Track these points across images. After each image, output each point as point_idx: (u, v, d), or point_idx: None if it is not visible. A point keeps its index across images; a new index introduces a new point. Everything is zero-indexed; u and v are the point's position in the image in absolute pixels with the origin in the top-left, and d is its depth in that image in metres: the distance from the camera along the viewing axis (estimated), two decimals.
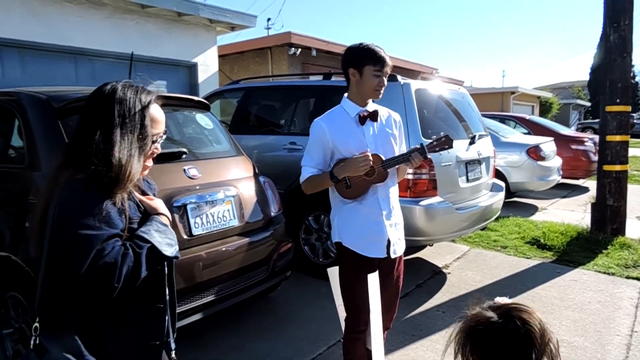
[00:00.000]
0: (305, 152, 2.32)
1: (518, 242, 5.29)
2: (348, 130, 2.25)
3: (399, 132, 2.39)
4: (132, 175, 1.26)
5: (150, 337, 1.32)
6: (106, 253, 1.15)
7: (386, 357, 2.86)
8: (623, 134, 5.29)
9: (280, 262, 3.27)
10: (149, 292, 1.30)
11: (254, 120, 5.21)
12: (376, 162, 2.19)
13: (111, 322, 1.24)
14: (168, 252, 1.28)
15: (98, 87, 1.34)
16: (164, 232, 1.30)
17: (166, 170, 2.74)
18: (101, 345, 1.22)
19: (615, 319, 3.41)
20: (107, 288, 1.16)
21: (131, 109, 1.29)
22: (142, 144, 1.31)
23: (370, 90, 2.21)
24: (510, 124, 9.63)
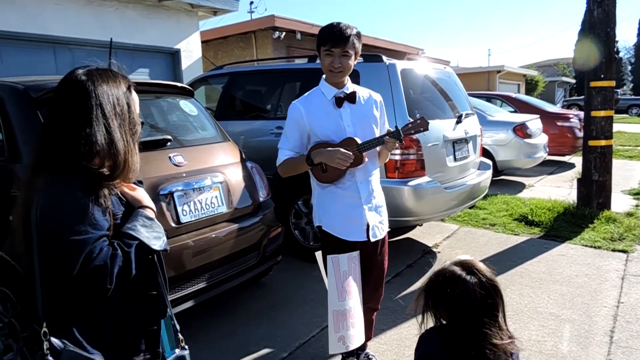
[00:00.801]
0: (283, 135, 2.31)
1: (506, 219, 5.35)
2: (325, 112, 2.23)
3: (380, 113, 2.36)
4: (134, 165, 1.24)
5: (147, 323, 1.32)
6: (95, 256, 1.13)
7: (379, 336, 2.90)
8: (607, 109, 5.33)
9: (270, 247, 3.26)
10: (141, 281, 1.29)
11: (239, 105, 5.15)
12: (351, 146, 2.18)
13: (107, 314, 1.24)
14: (157, 245, 1.26)
15: (67, 76, 1.26)
16: (151, 225, 1.28)
17: (151, 158, 2.70)
18: (100, 337, 1.22)
19: (602, 291, 3.48)
20: (99, 290, 1.15)
21: (118, 96, 1.25)
22: (133, 131, 1.28)
23: (325, 71, 2.19)
24: (497, 103, 9.67)
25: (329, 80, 2.23)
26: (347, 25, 2.13)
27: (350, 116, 2.24)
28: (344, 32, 2.10)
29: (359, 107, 2.27)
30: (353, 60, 2.18)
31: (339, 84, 2.23)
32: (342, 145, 2.17)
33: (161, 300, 1.35)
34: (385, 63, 3.93)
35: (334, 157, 2.11)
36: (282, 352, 2.77)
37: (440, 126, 4.02)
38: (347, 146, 2.16)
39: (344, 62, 2.14)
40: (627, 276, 3.73)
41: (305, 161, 2.20)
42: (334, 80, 2.21)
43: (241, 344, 2.86)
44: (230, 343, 2.88)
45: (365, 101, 2.31)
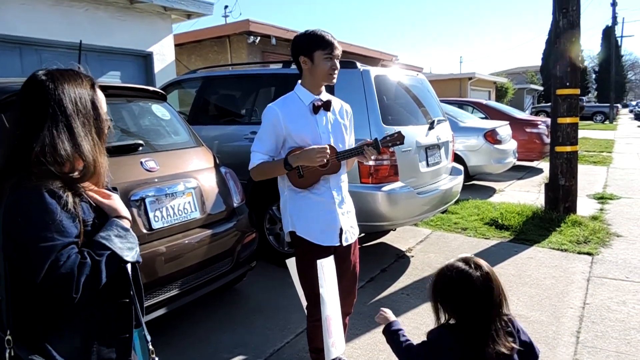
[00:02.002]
0: (257, 138, 2.29)
1: (477, 223, 5.46)
2: (302, 118, 2.24)
3: (350, 124, 2.44)
4: (103, 166, 1.22)
5: (119, 331, 1.30)
6: (61, 264, 1.10)
7: (353, 341, 2.91)
8: (573, 116, 5.51)
9: (244, 252, 3.24)
10: (113, 289, 1.27)
11: (213, 110, 5.11)
12: (331, 154, 2.20)
13: (78, 322, 1.21)
14: (129, 256, 1.24)
15: (30, 78, 1.23)
16: (125, 236, 1.25)
17: (122, 163, 2.65)
18: (70, 345, 1.19)
19: (568, 293, 3.59)
20: (65, 298, 1.12)
21: (81, 96, 1.23)
22: (100, 131, 1.26)
23: (324, 75, 2.21)
24: (468, 109, 9.88)
25: (308, 85, 2.25)
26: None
27: (325, 123, 2.27)
28: (334, 38, 2.20)
29: (332, 115, 2.32)
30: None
31: (317, 90, 2.26)
32: None
33: (134, 309, 1.33)
34: (359, 69, 3.97)
35: (314, 157, 2.12)
36: (256, 359, 2.75)
37: (413, 132, 4.08)
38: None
39: (337, 65, 2.22)
40: (592, 278, 3.86)
41: (284, 166, 2.19)
42: (332, 83, 2.25)
43: (214, 351, 2.83)
44: (203, 350, 2.84)
45: (339, 110, 2.37)
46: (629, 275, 3.90)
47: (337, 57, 2.20)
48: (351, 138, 2.45)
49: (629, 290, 3.60)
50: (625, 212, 5.97)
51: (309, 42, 2.18)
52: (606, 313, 3.24)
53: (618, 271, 3.99)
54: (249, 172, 2.35)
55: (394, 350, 1.68)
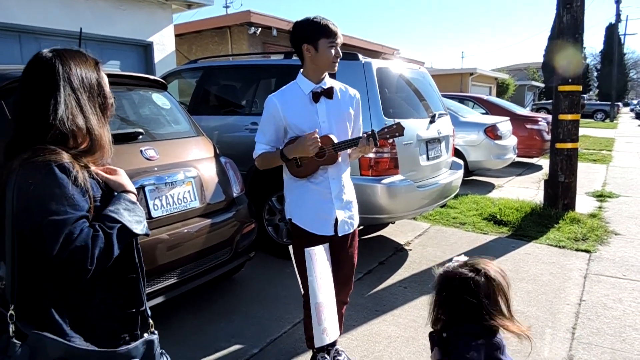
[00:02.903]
0: (259, 128, 2.32)
1: (476, 218, 5.46)
2: (301, 107, 2.24)
3: (356, 111, 2.40)
4: (108, 143, 1.25)
5: (127, 306, 1.32)
6: (75, 237, 1.12)
7: (350, 332, 2.93)
8: (574, 113, 5.50)
9: (243, 243, 3.24)
10: (121, 264, 1.29)
11: (213, 100, 5.09)
12: (327, 144, 2.20)
13: (87, 297, 1.23)
14: (138, 229, 1.26)
15: (35, 56, 1.26)
16: (133, 209, 1.28)
17: (122, 151, 2.64)
18: (80, 320, 1.21)
19: (565, 289, 3.60)
20: (80, 271, 1.13)
21: (87, 74, 1.26)
22: (104, 108, 1.29)
23: (327, 63, 2.21)
24: (469, 104, 9.86)
25: (309, 75, 2.24)
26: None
27: (326, 112, 2.26)
28: (335, 25, 2.19)
29: (335, 103, 2.29)
30: None
31: (317, 79, 2.24)
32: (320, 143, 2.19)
33: (141, 284, 1.35)
34: (361, 61, 3.95)
35: (306, 148, 2.12)
36: (253, 348, 2.76)
37: (414, 125, 4.07)
38: (323, 144, 2.19)
39: (340, 53, 2.22)
40: (589, 275, 3.87)
41: (280, 158, 2.21)
42: (334, 71, 2.24)
43: (212, 340, 2.84)
44: (200, 339, 2.85)
45: (342, 97, 2.33)
46: (626, 273, 3.91)
47: (339, 44, 2.20)
48: (358, 123, 2.42)
49: (625, 288, 3.61)
50: (624, 211, 5.98)
51: (314, 30, 2.16)
52: (602, 310, 3.26)
53: (615, 269, 4.00)
54: (252, 162, 2.37)
55: None
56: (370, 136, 2.18)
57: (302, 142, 2.14)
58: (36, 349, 1.13)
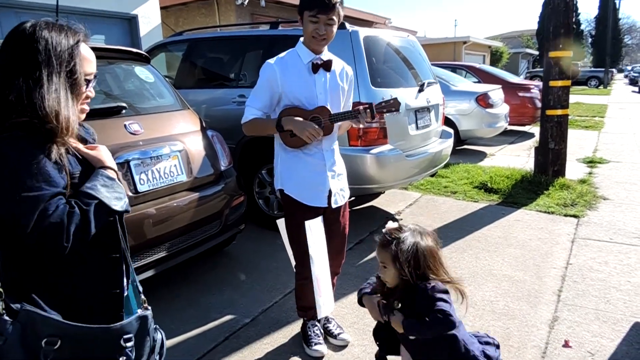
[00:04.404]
0: (252, 93, 2.28)
1: (467, 187, 5.49)
2: (299, 76, 2.21)
3: (349, 87, 2.40)
4: (70, 122, 1.19)
5: (110, 286, 1.30)
6: (50, 213, 1.10)
7: (341, 300, 2.97)
8: (565, 79, 5.47)
9: (232, 216, 3.25)
10: (103, 243, 1.27)
11: (200, 73, 5.01)
12: (324, 115, 2.18)
13: (68, 276, 1.21)
14: (117, 206, 1.23)
15: (15, 27, 1.21)
16: (111, 186, 1.24)
17: (105, 126, 2.62)
18: (61, 300, 1.20)
19: (553, 254, 3.65)
20: (56, 248, 1.12)
21: (58, 46, 1.20)
22: (73, 85, 1.23)
23: (307, 37, 2.17)
24: (462, 73, 9.77)
25: (308, 46, 2.20)
26: None
27: (323, 84, 2.24)
28: (329, 0, 2.05)
29: (332, 77, 2.27)
30: (335, 28, 2.16)
31: (318, 50, 2.21)
32: (315, 113, 2.19)
33: (124, 264, 1.34)
34: (348, 30, 3.88)
35: (305, 131, 2.12)
36: (245, 318, 2.81)
37: (402, 95, 4.03)
38: (320, 114, 2.19)
39: (328, 30, 2.12)
40: (576, 239, 3.92)
41: (275, 127, 2.19)
42: (316, 48, 2.18)
43: (204, 312, 2.88)
44: (192, 311, 2.89)
45: (339, 72, 2.32)
46: (612, 237, 3.97)
47: (324, 21, 2.08)
48: (349, 101, 2.43)
49: (611, 251, 3.67)
50: (613, 176, 6.02)
51: (303, 0, 2.12)
52: (588, 273, 3.32)
53: (602, 233, 4.05)
54: (241, 135, 2.35)
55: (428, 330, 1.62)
56: (368, 109, 2.17)
57: (304, 125, 2.13)
58: (27, 326, 1.12)
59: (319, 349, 2.44)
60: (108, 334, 1.18)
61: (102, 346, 1.17)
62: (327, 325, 2.59)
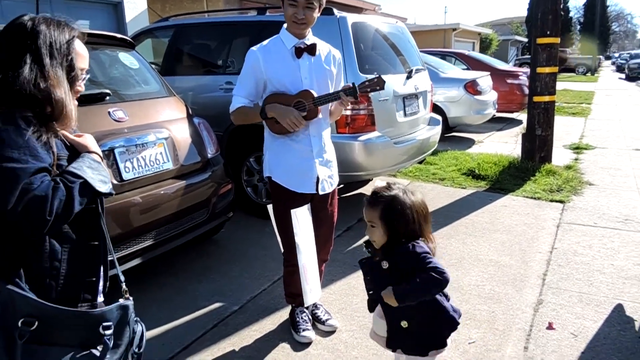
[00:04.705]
0: (238, 81, 2.27)
1: (455, 173, 5.52)
2: (283, 62, 2.20)
3: (337, 70, 2.37)
4: (72, 112, 1.25)
5: (87, 274, 1.31)
6: (35, 187, 1.11)
7: (329, 287, 2.99)
8: (552, 66, 5.49)
9: (220, 203, 3.24)
10: (84, 230, 1.29)
11: (187, 60, 4.95)
12: (307, 98, 2.17)
13: (46, 259, 1.22)
14: (102, 188, 1.26)
15: (14, 20, 1.26)
16: (97, 168, 1.28)
17: (89, 113, 2.57)
18: (36, 282, 1.20)
19: (538, 238, 3.70)
20: (38, 221, 1.12)
21: (57, 41, 1.25)
22: (72, 79, 1.28)
23: (288, 22, 2.16)
24: (451, 60, 9.77)
25: (291, 31, 2.18)
26: None
27: (308, 68, 2.22)
28: None
29: (317, 60, 2.25)
30: (317, 13, 2.14)
31: (301, 35, 2.19)
32: (299, 97, 2.17)
33: (103, 251, 1.35)
34: (336, 16, 3.85)
35: (286, 118, 2.11)
36: (233, 306, 2.81)
37: (390, 81, 4.01)
38: (303, 98, 2.17)
39: (307, 14, 2.10)
40: (562, 224, 3.98)
41: (260, 114, 2.18)
42: (296, 32, 2.17)
43: (192, 300, 2.88)
44: (181, 299, 2.88)
45: (325, 56, 2.30)
46: (597, 221, 4.03)
47: (302, 5, 2.07)
48: (339, 85, 2.38)
49: (595, 235, 3.73)
50: (598, 162, 6.10)
51: None
52: (572, 257, 3.37)
53: (587, 217, 4.11)
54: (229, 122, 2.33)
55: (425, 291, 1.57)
56: (351, 90, 2.15)
57: (286, 112, 2.11)
58: (6, 304, 1.12)
59: (307, 334, 2.45)
60: (88, 319, 1.18)
61: (80, 331, 1.17)
62: (315, 312, 2.61)
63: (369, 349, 2.38)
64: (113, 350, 1.19)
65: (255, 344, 2.46)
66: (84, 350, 1.16)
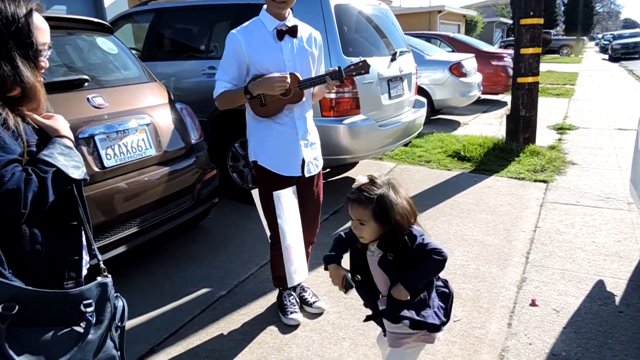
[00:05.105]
0: (220, 66, 2.25)
1: (440, 155, 5.55)
2: (265, 45, 2.17)
3: (319, 52, 2.36)
4: (40, 92, 1.20)
5: (68, 253, 1.30)
6: (7, 180, 1.09)
7: (317, 269, 3.00)
8: (535, 47, 5.51)
9: (205, 189, 3.22)
10: (60, 211, 1.27)
11: (168, 45, 4.86)
12: (293, 82, 2.16)
13: (27, 243, 1.21)
14: (75, 174, 1.24)
15: None
16: (69, 154, 1.25)
17: (67, 100, 2.53)
18: (20, 267, 1.19)
19: (522, 218, 3.75)
20: (13, 214, 1.11)
21: (14, 16, 1.19)
22: (34, 56, 1.22)
23: (268, 2, 2.13)
24: (436, 43, 9.75)
25: (270, 11, 2.15)
26: None
27: (290, 51, 2.20)
28: None
29: (299, 43, 2.24)
30: None
31: (281, 16, 2.16)
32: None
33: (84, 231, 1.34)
34: None
35: (274, 85, 2.09)
36: (221, 291, 2.82)
37: (375, 64, 3.99)
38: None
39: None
40: (545, 203, 4.03)
41: (244, 94, 2.16)
42: (276, 12, 2.14)
43: (180, 285, 2.87)
44: (168, 285, 2.88)
45: (307, 38, 2.28)
46: (579, 200, 4.09)
47: None
48: (321, 68, 2.39)
49: (577, 214, 3.79)
50: (581, 142, 6.18)
51: None
52: (555, 235, 3.43)
53: (570, 196, 4.18)
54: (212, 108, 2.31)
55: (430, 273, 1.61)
56: (337, 73, 2.14)
57: (269, 79, 2.10)
58: None
59: (295, 317, 2.47)
60: (68, 299, 1.19)
61: (61, 311, 1.18)
62: (302, 294, 2.63)
63: (355, 329, 2.41)
64: (96, 326, 1.22)
65: (244, 328, 2.47)
66: (66, 328, 1.18)
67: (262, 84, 2.11)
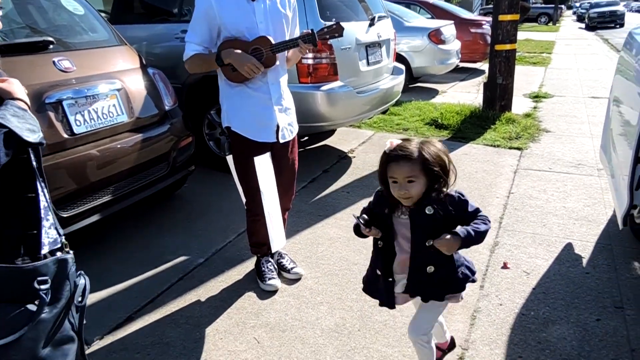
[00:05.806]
0: (190, 27, 2.18)
1: (418, 123, 5.57)
2: (237, 6, 2.11)
3: (293, 14, 2.30)
4: None
5: (26, 227, 1.23)
6: None
7: (295, 236, 3.02)
8: (514, 13, 5.49)
9: (181, 157, 3.17)
10: (16, 182, 1.20)
11: (138, 7, 4.67)
12: (265, 45, 2.11)
13: None
14: (31, 138, 1.16)
15: None
16: (23, 116, 1.17)
17: (32, 63, 2.41)
18: None
19: (496, 184, 3.82)
20: None
21: None
22: None
23: None
24: (415, 9, 9.62)
25: None
26: None
27: (263, 12, 2.14)
28: None
29: (272, 4, 2.18)
30: None
31: None
32: (256, 44, 2.11)
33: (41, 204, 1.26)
34: None
35: (244, 65, 2.05)
36: (199, 259, 2.81)
37: (353, 29, 3.93)
38: (260, 45, 2.10)
39: None
40: (519, 170, 4.11)
41: (215, 60, 2.11)
42: None
43: (157, 255, 2.85)
44: (145, 254, 2.85)
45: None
46: (552, 166, 4.18)
47: None
48: (295, 31, 2.33)
49: (549, 180, 3.88)
50: (556, 110, 6.27)
51: None
52: (528, 200, 3.51)
53: (543, 163, 4.26)
54: (187, 74, 2.25)
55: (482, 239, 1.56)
56: (309, 36, 2.09)
57: (242, 58, 2.05)
58: None
59: (272, 283, 2.49)
60: (19, 274, 1.13)
61: (12, 287, 1.12)
62: (280, 261, 2.64)
63: (333, 294, 2.45)
64: (52, 305, 1.15)
65: (222, 294, 2.49)
66: (18, 306, 1.12)
67: (235, 57, 2.07)
